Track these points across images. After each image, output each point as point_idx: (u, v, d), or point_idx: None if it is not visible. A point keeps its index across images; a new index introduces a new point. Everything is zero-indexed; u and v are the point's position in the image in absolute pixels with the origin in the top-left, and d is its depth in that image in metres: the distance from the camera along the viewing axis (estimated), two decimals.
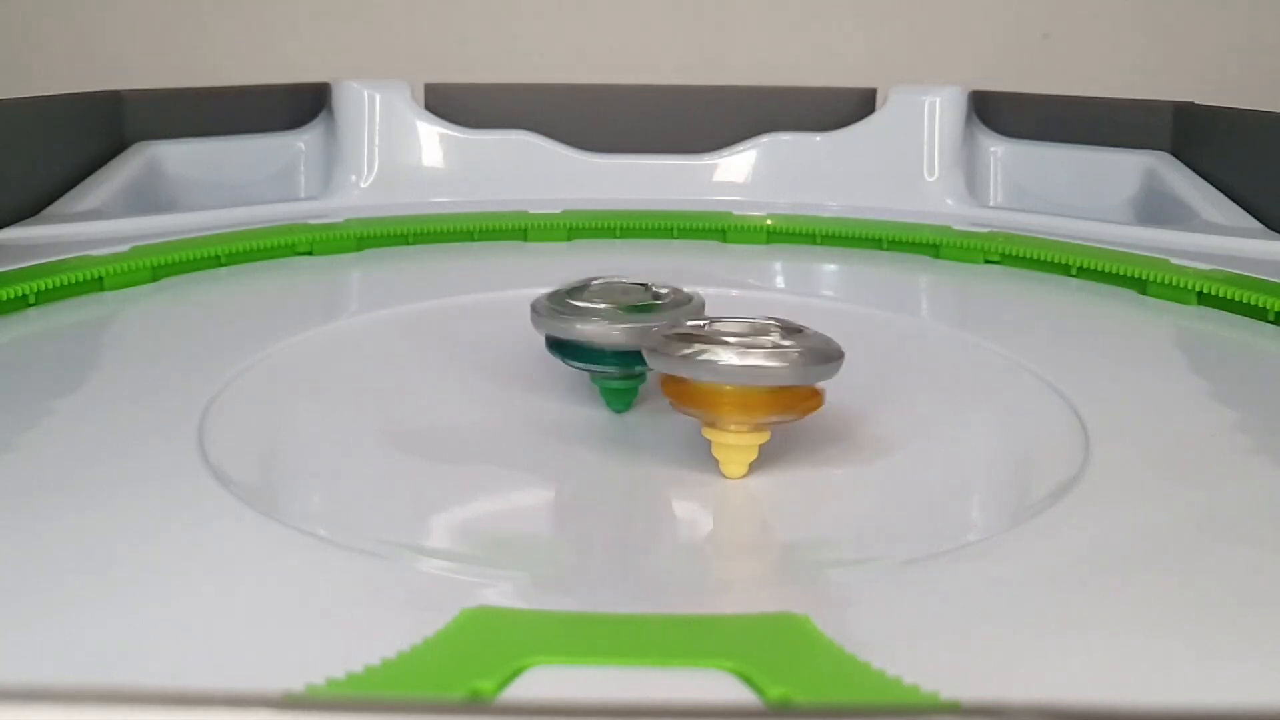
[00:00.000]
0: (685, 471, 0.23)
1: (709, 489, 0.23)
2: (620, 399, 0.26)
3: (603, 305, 0.24)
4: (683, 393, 0.22)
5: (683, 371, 0.21)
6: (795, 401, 0.21)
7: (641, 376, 0.26)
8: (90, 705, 0.08)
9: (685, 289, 0.26)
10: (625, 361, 0.24)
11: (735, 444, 0.22)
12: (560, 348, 0.25)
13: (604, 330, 0.24)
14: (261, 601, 0.17)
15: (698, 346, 0.21)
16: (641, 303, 0.25)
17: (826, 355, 0.21)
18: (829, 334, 0.23)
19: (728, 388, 0.21)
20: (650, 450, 0.24)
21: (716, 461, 0.23)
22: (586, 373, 0.26)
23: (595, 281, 0.26)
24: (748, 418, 0.21)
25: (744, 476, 0.22)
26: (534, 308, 0.25)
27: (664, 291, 0.25)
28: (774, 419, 0.21)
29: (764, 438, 0.22)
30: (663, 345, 0.21)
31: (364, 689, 0.13)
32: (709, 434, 0.22)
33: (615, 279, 0.26)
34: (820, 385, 0.22)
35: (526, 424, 0.26)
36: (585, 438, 0.26)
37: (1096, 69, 0.56)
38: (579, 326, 0.24)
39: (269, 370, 0.28)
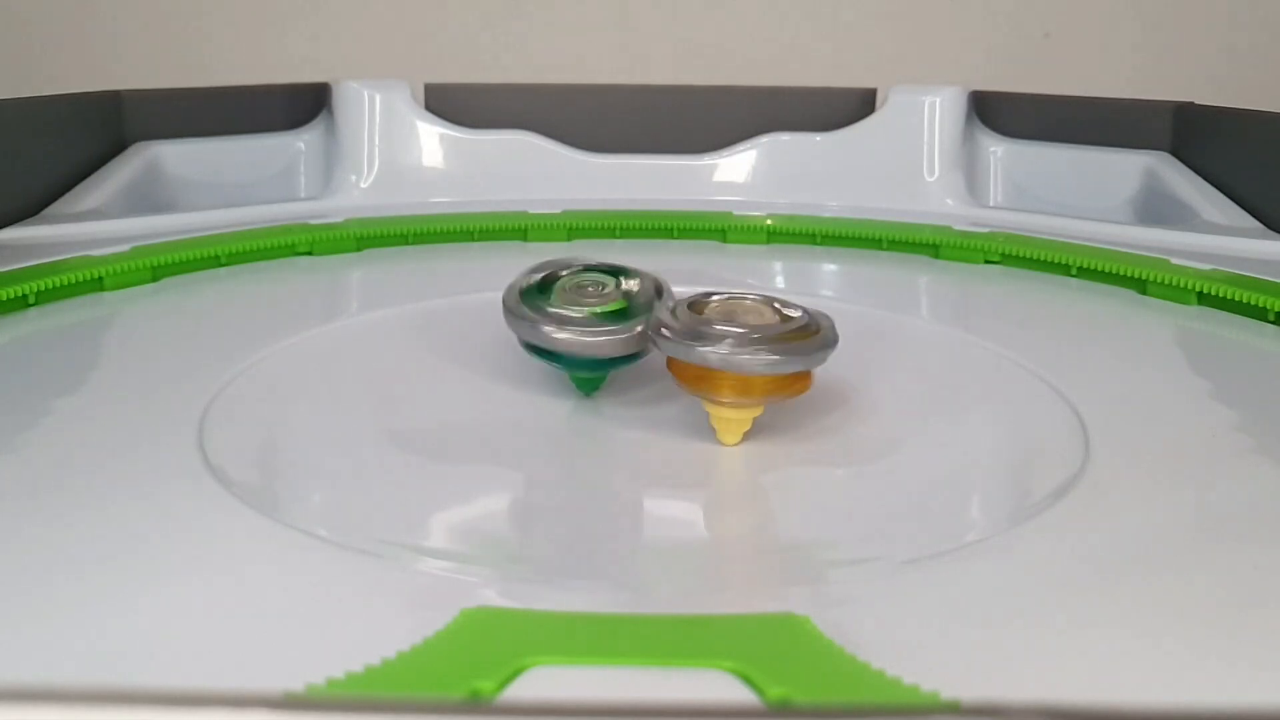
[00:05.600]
0: (684, 470, 0.23)
1: (708, 490, 0.23)
2: (589, 385, 0.27)
3: (574, 313, 0.25)
4: (686, 374, 0.23)
5: (687, 359, 0.23)
6: (788, 384, 0.23)
7: (610, 369, 0.26)
8: (90, 705, 0.08)
9: (651, 277, 0.26)
10: (593, 366, 0.26)
11: (731, 417, 0.24)
12: (531, 348, 0.26)
13: (579, 344, 0.24)
14: (261, 601, 0.17)
15: (701, 336, 0.22)
16: (612, 308, 0.25)
17: (821, 344, 0.23)
18: None
19: (727, 373, 0.23)
20: (652, 445, 0.24)
21: (713, 432, 0.24)
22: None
23: (564, 279, 0.26)
24: (745, 399, 0.23)
25: (738, 443, 0.24)
26: (506, 306, 0.25)
27: (634, 288, 0.26)
28: (768, 399, 0.23)
29: (758, 412, 0.24)
30: (669, 332, 0.23)
31: (364, 689, 0.13)
32: (709, 407, 0.24)
33: (580, 268, 0.26)
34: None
35: (527, 423, 0.26)
36: (585, 435, 0.26)
37: (1096, 69, 0.56)
38: (552, 334, 0.25)
39: (269, 370, 0.28)
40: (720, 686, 0.13)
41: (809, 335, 0.23)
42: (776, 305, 0.24)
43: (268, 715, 0.09)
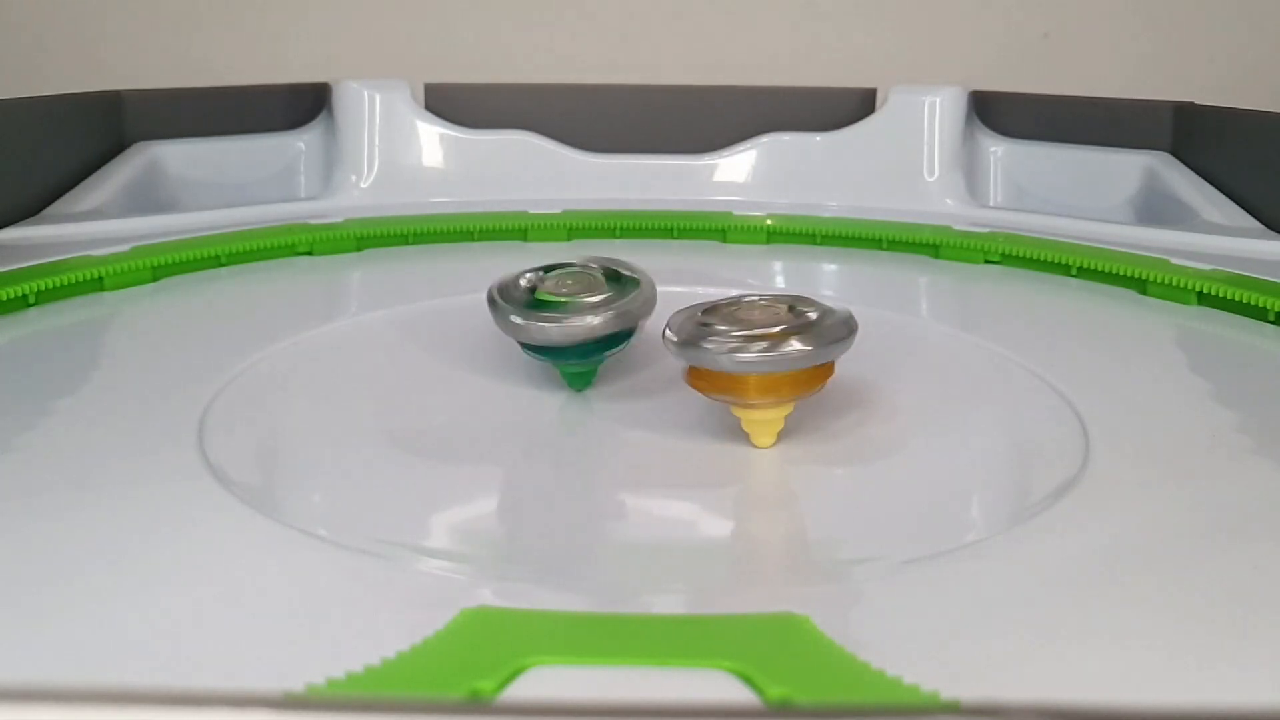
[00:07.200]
0: (682, 470, 0.23)
1: (708, 490, 0.23)
2: (581, 380, 0.27)
3: (560, 302, 0.25)
4: (709, 382, 0.23)
5: (709, 365, 0.22)
6: (814, 377, 0.23)
7: (600, 359, 0.26)
8: (90, 705, 0.08)
9: (633, 268, 0.26)
10: (584, 353, 0.25)
11: (762, 419, 0.23)
12: (521, 342, 0.26)
13: (564, 329, 0.25)
14: (261, 601, 0.17)
15: (719, 341, 0.22)
16: (598, 296, 0.25)
17: (840, 333, 0.23)
18: None
19: (752, 375, 0.22)
20: (649, 445, 0.24)
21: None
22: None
23: (549, 274, 0.26)
24: (772, 398, 0.23)
25: (773, 445, 0.24)
26: (491, 301, 0.25)
27: (624, 274, 0.26)
28: (796, 396, 0.23)
29: (788, 410, 0.24)
30: (686, 341, 0.23)
31: (364, 689, 0.13)
32: (738, 412, 0.24)
33: (564, 266, 0.26)
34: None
35: (527, 423, 0.26)
36: (586, 435, 0.26)
37: (1096, 69, 0.56)
38: (539, 326, 0.25)
39: (269, 370, 0.28)
40: (720, 686, 0.13)
41: (829, 323, 0.22)
42: (789, 302, 0.24)
43: (268, 715, 0.09)
